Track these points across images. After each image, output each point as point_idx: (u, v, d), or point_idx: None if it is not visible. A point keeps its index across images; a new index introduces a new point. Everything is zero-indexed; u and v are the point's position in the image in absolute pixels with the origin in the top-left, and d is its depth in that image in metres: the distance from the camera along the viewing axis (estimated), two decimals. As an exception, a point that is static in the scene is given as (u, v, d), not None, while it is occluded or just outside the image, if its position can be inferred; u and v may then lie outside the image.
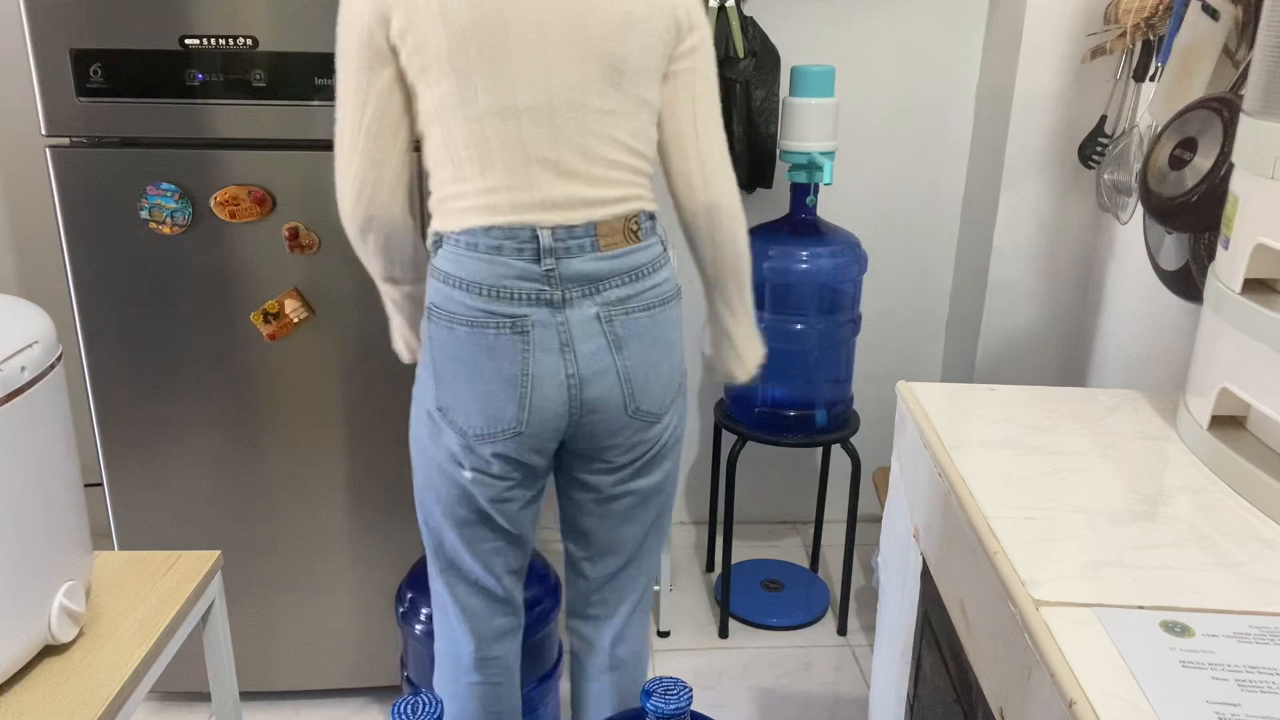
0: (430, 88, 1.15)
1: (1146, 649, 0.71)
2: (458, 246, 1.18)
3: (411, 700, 1.01)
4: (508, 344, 1.18)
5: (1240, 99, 1.17)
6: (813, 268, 1.91)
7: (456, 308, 1.19)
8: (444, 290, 1.19)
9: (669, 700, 1.09)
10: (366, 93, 1.17)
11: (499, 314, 1.18)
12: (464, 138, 1.16)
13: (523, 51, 1.14)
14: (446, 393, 1.21)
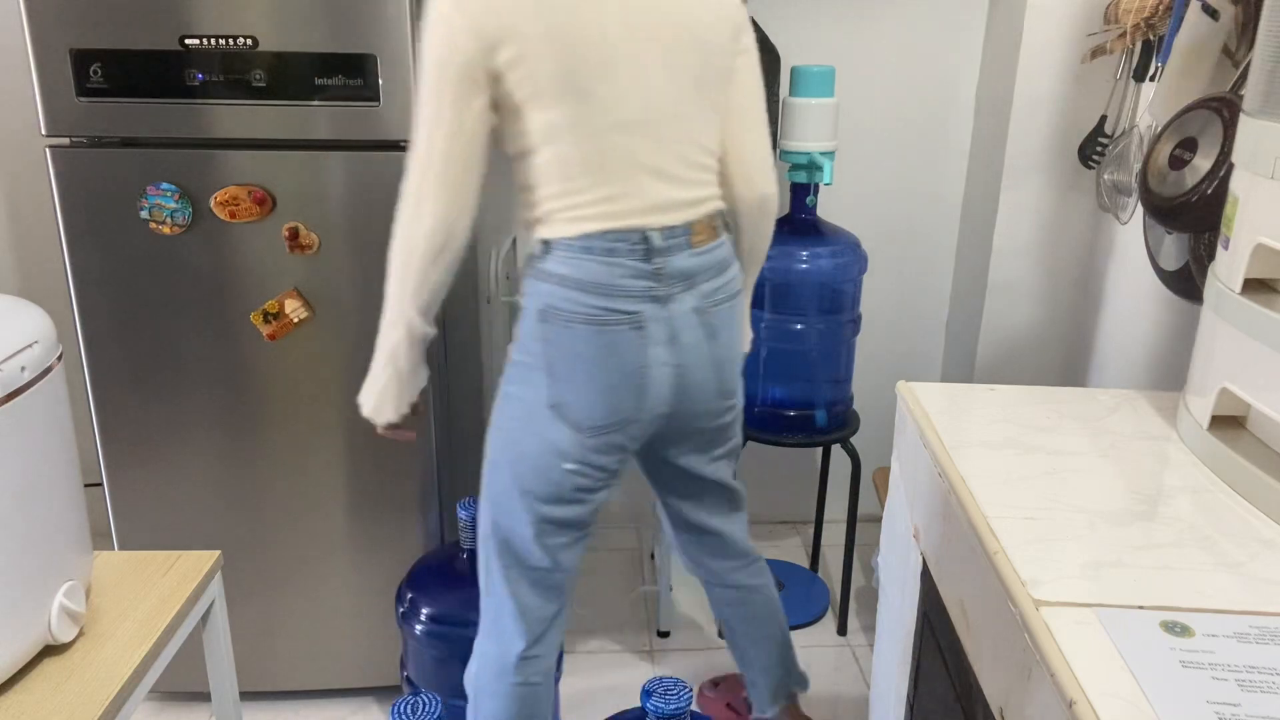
0: (542, 110, 1.21)
1: (1146, 649, 0.71)
2: (572, 251, 1.25)
3: (411, 700, 1.02)
4: (627, 339, 1.26)
5: (1240, 99, 1.17)
6: (813, 268, 1.91)
7: (576, 307, 1.25)
8: (560, 292, 1.25)
9: (669, 700, 1.09)
10: (461, 121, 1.21)
11: (618, 311, 1.25)
12: (580, 153, 1.22)
13: (629, 70, 1.22)
14: (565, 389, 1.27)
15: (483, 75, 1.19)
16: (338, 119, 1.55)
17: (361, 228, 1.61)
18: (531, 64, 1.19)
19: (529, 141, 1.24)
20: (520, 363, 1.30)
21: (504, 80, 1.20)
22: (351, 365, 1.68)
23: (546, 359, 1.27)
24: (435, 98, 1.20)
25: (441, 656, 1.55)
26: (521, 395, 1.30)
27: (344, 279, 1.63)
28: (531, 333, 1.28)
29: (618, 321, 1.26)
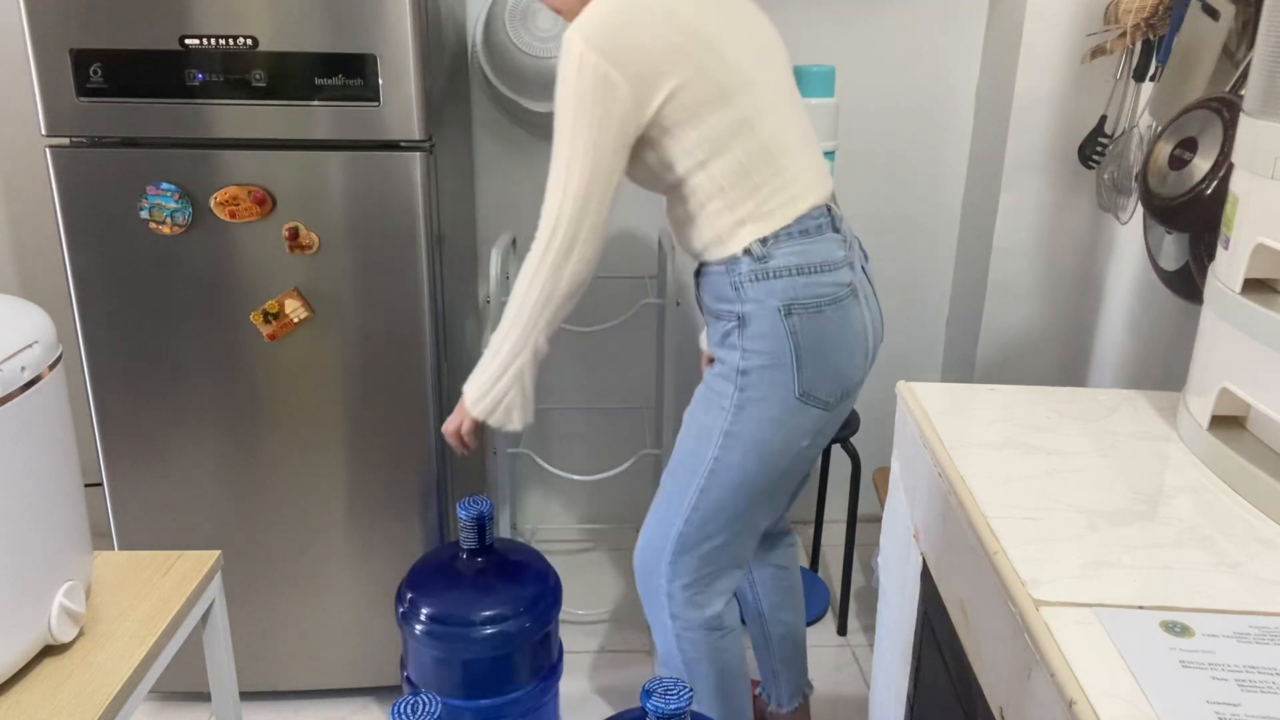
0: (702, 124, 1.26)
1: (1146, 649, 0.71)
2: (792, 238, 1.29)
3: (411, 700, 1.02)
4: (853, 308, 1.32)
5: (1240, 99, 1.17)
6: (813, 268, 1.91)
7: (821, 289, 1.29)
8: (800, 281, 1.28)
9: (669, 700, 1.09)
10: (615, 168, 1.26)
11: (844, 284, 1.31)
12: (752, 147, 1.27)
13: (761, 73, 1.30)
14: (813, 374, 1.30)
15: (641, 118, 1.24)
16: (338, 119, 1.55)
17: (361, 228, 1.61)
18: (689, 88, 1.24)
19: (695, 158, 1.27)
20: (757, 368, 1.30)
21: (660, 113, 1.25)
22: (351, 365, 1.68)
23: (795, 352, 1.29)
24: (593, 149, 1.24)
25: (441, 656, 1.55)
26: (765, 397, 1.31)
27: (344, 279, 1.63)
28: (773, 332, 1.29)
29: (847, 294, 1.31)
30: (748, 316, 1.30)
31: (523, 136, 2.21)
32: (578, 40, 1.21)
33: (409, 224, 1.61)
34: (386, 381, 1.69)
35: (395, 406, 1.70)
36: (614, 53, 1.21)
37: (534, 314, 1.33)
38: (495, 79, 2.04)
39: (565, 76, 1.22)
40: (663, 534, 1.41)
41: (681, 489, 1.38)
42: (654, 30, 1.22)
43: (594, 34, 1.21)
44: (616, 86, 1.21)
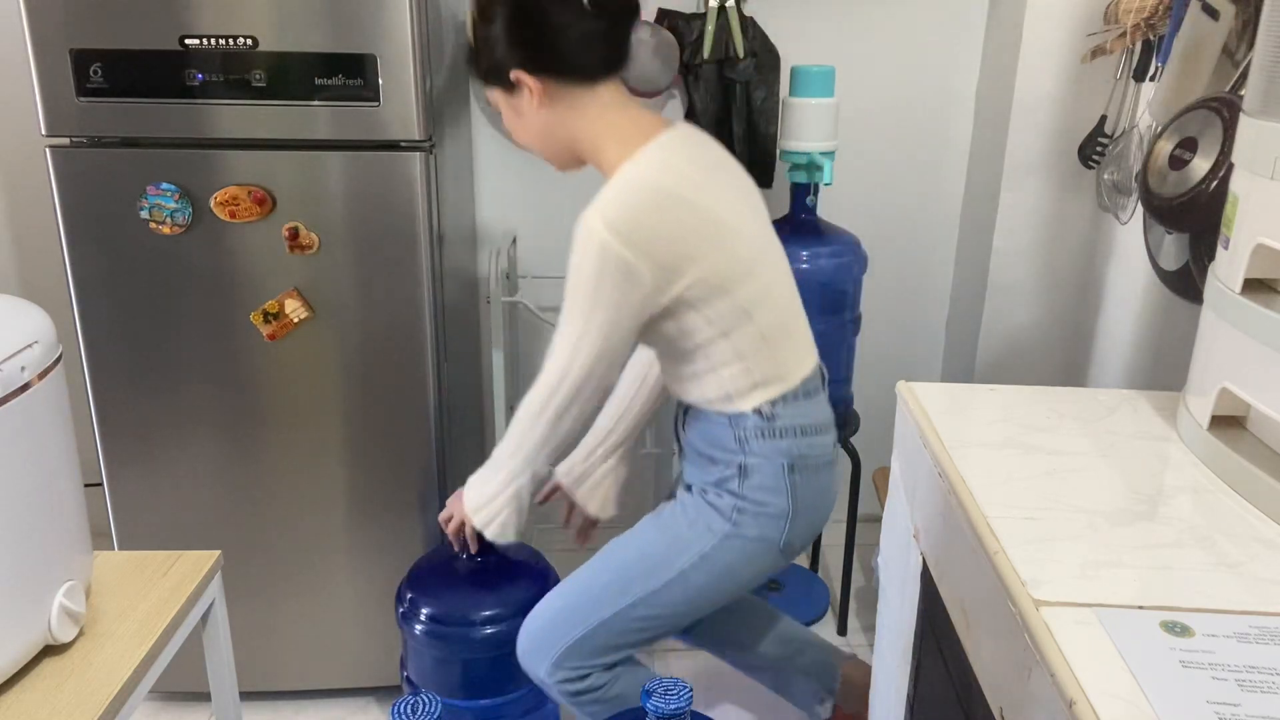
0: (722, 299, 1.28)
1: (1146, 649, 0.71)
2: (797, 400, 1.35)
3: (411, 700, 1.01)
4: (837, 466, 1.43)
5: (1240, 99, 1.17)
6: (813, 268, 1.91)
7: (819, 449, 1.37)
8: (805, 441, 1.35)
9: (669, 700, 1.09)
10: (633, 333, 1.29)
11: (833, 444, 1.41)
12: (772, 319, 1.32)
13: (768, 240, 1.36)
14: (799, 529, 1.37)
15: (661, 300, 1.26)
16: (338, 119, 1.55)
17: (361, 228, 1.61)
18: (715, 269, 1.26)
19: (719, 328, 1.30)
20: (753, 514, 1.35)
21: (684, 293, 1.27)
22: (351, 365, 1.68)
23: (792, 507, 1.35)
24: (608, 328, 1.25)
25: (441, 656, 1.55)
26: (753, 538, 1.36)
27: (344, 279, 1.63)
28: (775, 486, 1.34)
29: (835, 454, 1.42)
30: (750, 468, 1.34)
31: (523, 136, 2.21)
32: (600, 226, 1.21)
33: (409, 224, 1.61)
34: (386, 381, 1.69)
35: (395, 406, 1.70)
36: (639, 243, 1.22)
37: (535, 449, 1.37)
38: (495, 79, 2.04)
39: (585, 258, 1.22)
40: (575, 619, 1.40)
41: (625, 584, 1.39)
42: (677, 216, 1.24)
43: (618, 222, 1.21)
44: (640, 275, 1.22)
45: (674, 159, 1.29)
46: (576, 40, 1.28)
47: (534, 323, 2.30)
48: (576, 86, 1.30)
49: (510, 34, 1.28)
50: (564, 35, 1.27)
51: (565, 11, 1.26)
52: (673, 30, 2.06)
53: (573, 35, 1.27)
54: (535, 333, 2.34)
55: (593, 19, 1.27)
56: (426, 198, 1.61)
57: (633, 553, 1.42)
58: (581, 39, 1.28)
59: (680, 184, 1.26)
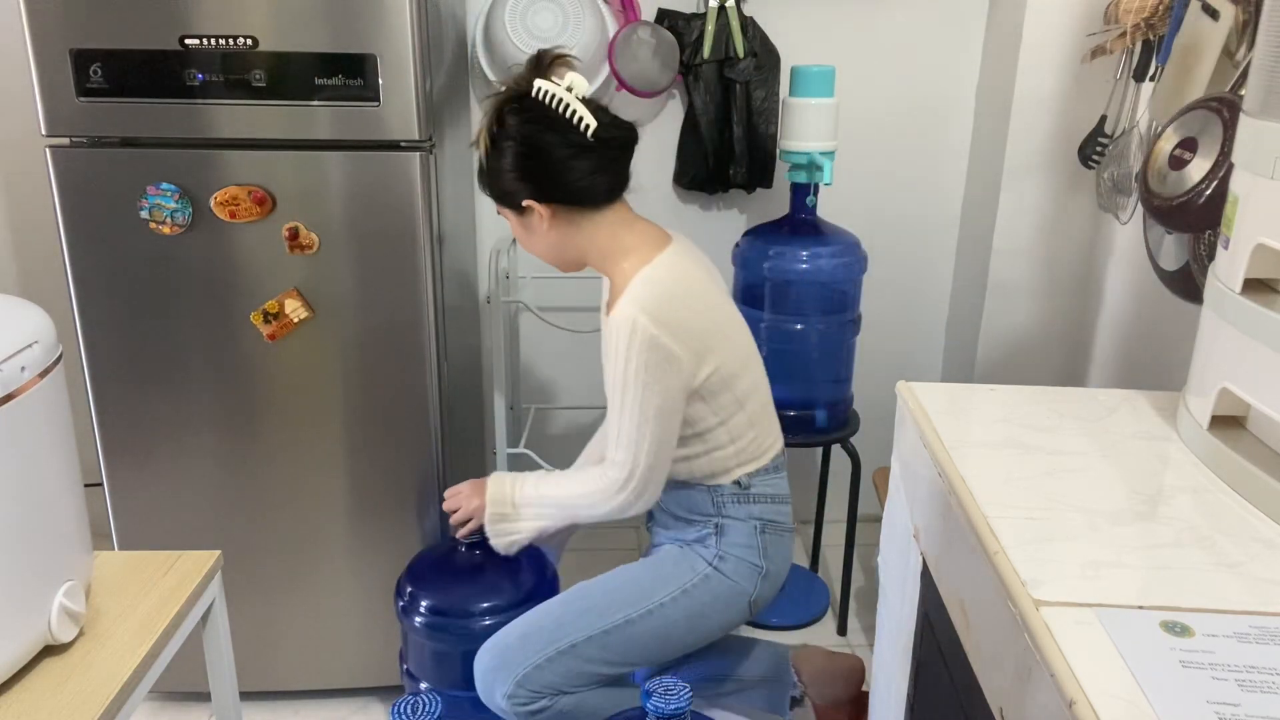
0: (732, 388, 1.43)
1: (1146, 649, 0.71)
2: (768, 473, 1.51)
3: (411, 700, 1.01)
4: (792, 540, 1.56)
5: (1240, 99, 1.17)
6: (813, 268, 1.91)
7: (783, 517, 1.52)
8: (773, 508, 1.50)
9: (669, 700, 1.09)
10: (678, 415, 1.40)
11: (790, 514, 1.54)
12: (757, 406, 1.48)
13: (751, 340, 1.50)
14: (767, 587, 1.50)
15: (692, 385, 1.39)
16: (338, 119, 1.55)
17: (361, 228, 1.61)
18: (726, 362, 1.41)
19: (720, 416, 1.44)
20: (734, 559, 1.48)
21: (703, 383, 1.40)
22: (351, 365, 1.68)
23: (765, 563, 1.49)
24: (662, 416, 1.37)
25: (441, 649, 1.55)
26: (732, 579, 1.48)
27: (344, 279, 1.63)
28: (749, 543, 1.48)
29: (793, 525, 1.55)
30: (726, 527, 1.48)
31: (523, 136, 2.20)
32: (643, 318, 1.32)
33: (409, 224, 1.61)
34: (386, 381, 1.69)
35: (395, 406, 1.70)
36: (676, 330, 1.34)
37: (584, 519, 1.50)
38: (495, 79, 2.04)
39: (631, 348, 1.33)
40: (544, 640, 1.43)
41: (605, 609, 1.45)
42: (698, 312, 1.39)
43: (656, 312, 1.33)
44: (679, 359, 1.35)
45: (685, 265, 1.42)
46: (581, 173, 1.37)
47: (534, 323, 2.30)
48: (587, 211, 1.40)
49: (518, 168, 1.37)
50: (569, 169, 1.36)
51: (569, 148, 1.35)
52: (673, 30, 2.06)
53: (578, 169, 1.37)
54: (535, 333, 2.34)
55: (596, 153, 1.37)
56: (426, 198, 1.61)
57: (616, 581, 1.49)
58: (586, 171, 1.37)
59: (695, 286, 1.41)
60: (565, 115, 1.34)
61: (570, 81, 1.36)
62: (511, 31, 1.95)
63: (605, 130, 1.36)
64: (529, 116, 1.36)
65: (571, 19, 1.96)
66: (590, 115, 1.35)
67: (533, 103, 1.35)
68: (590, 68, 2.03)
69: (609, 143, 1.37)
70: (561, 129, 1.35)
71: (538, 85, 1.35)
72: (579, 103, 1.35)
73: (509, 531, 1.53)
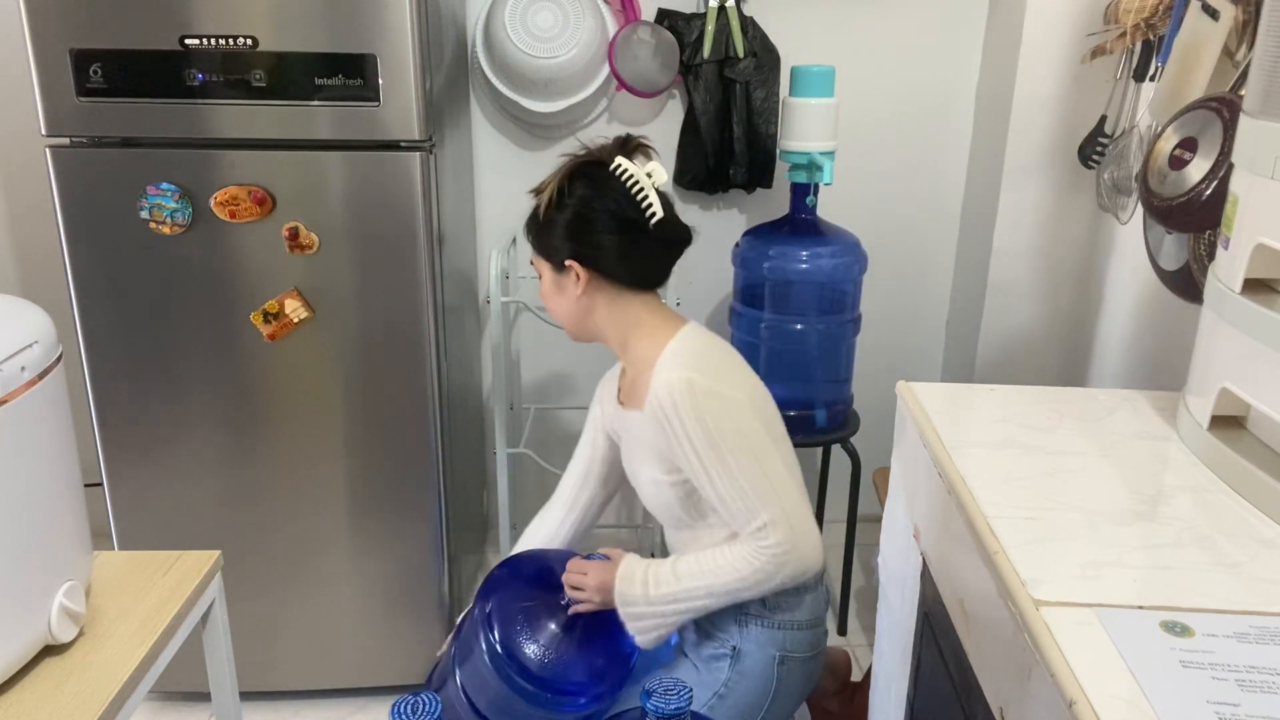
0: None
1: (1146, 649, 0.71)
2: (799, 593, 1.39)
3: (411, 700, 1.01)
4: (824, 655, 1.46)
5: (1240, 99, 1.17)
6: (813, 268, 1.91)
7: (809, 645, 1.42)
8: (796, 635, 1.40)
9: (669, 700, 1.09)
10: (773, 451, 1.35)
11: (824, 633, 1.45)
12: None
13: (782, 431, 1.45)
14: (779, 709, 1.42)
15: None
16: (338, 119, 1.55)
17: (361, 228, 1.61)
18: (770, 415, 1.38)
19: None
20: (738, 692, 1.40)
21: None
22: (351, 365, 1.68)
23: (773, 696, 1.40)
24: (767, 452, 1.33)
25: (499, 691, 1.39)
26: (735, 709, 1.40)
27: (344, 279, 1.63)
28: (763, 675, 1.40)
29: (825, 643, 1.45)
30: (743, 653, 1.39)
31: (523, 136, 2.21)
32: (691, 374, 1.31)
33: (409, 224, 1.61)
34: (386, 381, 1.69)
35: (395, 407, 1.70)
36: (722, 380, 1.34)
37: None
38: (495, 79, 2.04)
39: (698, 408, 1.30)
40: None
41: None
42: (732, 373, 1.39)
43: (700, 367, 1.34)
44: (740, 402, 1.33)
45: (707, 341, 1.42)
46: (637, 256, 1.40)
47: (534, 323, 2.30)
48: (622, 289, 1.41)
49: (581, 231, 1.38)
50: (620, 246, 1.38)
51: (631, 230, 1.37)
52: (673, 30, 2.06)
53: (634, 251, 1.39)
54: (535, 333, 2.34)
55: (652, 242, 1.39)
56: (426, 198, 1.61)
57: None
58: (642, 256, 1.40)
59: (724, 358, 1.41)
60: (636, 196, 1.37)
61: (650, 169, 1.39)
62: (511, 31, 1.95)
63: (666, 224, 1.39)
64: (602, 185, 1.38)
65: (571, 19, 1.96)
66: (659, 205, 1.38)
67: (609, 175, 1.38)
68: (590, 68, 2.03)
69: (666, 236, 1.40)
70: (627, 207, 1.37)
71: (619, 162, 1.38)
72: (654, 191, 1.38)
73: (643, 618, 1.38)
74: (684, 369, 1.32)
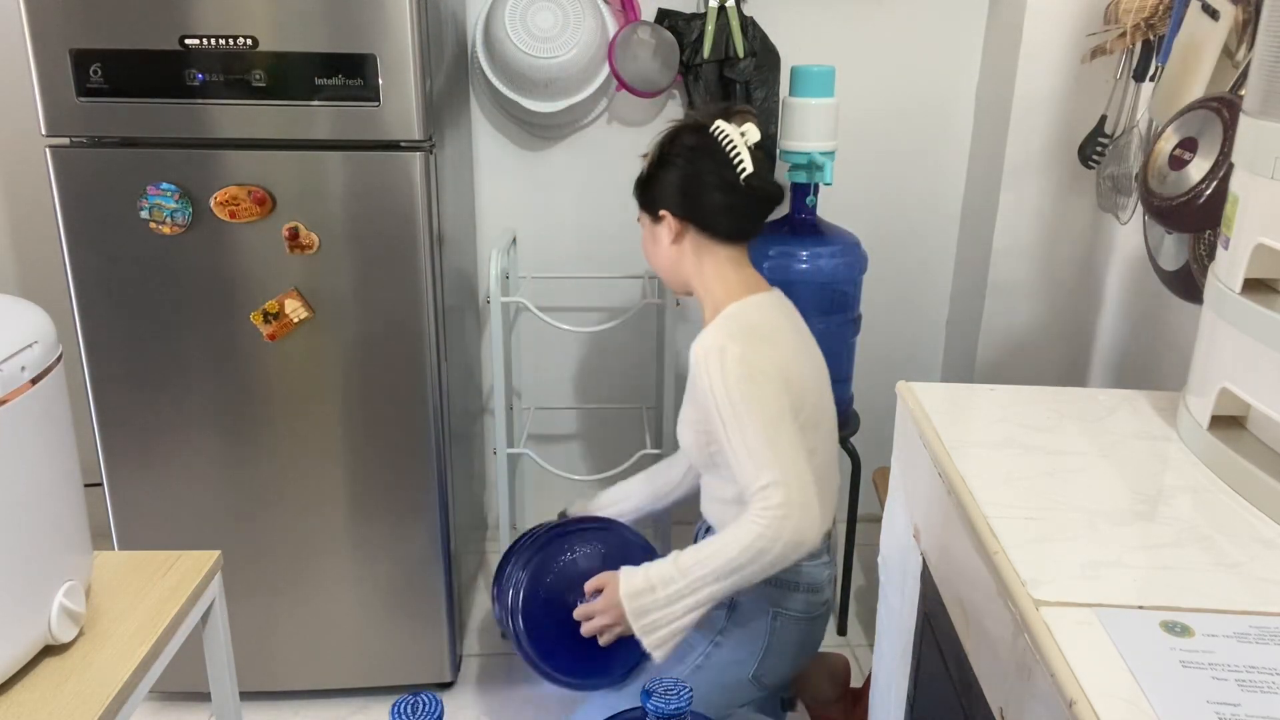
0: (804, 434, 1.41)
1: (1146, 649, 0.71)
2: (813, 557, 1.47)
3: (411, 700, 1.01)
4: (821, 623, 1.53)
5: (1240, 99, 1.17)
6: (813, 268, 1.91)
7: (806, 608, 1.49)
8: (796, 596, 1.48)
9: (669, 700, 1.09)
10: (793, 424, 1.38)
11: (823, 602, 1.53)
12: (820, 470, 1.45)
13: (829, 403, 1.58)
14: (773, 664, 1.49)
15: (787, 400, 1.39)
16: (338, 119, 1.55)
17: (361, 228, 1.61)
18: (803, 402, 1.42)
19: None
20: (731, 644, 1.48)
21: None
22: (351, 365, 1.68)
23: (767, 647, 1.48)
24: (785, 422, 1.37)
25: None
26: (728, 660, 1.48)
27: (344, 279, 1.63)
28: (755, 628, 1.48)
29: (824, 612, 1.52)
30: (740, 605, 1.48)
31: (523, 136, 2.21)
32: (726, 341, 1.36)
33: (409, 224, 1.61)
34: (386, 381, 1.69)
35: (395, 407, 1.70)
36: (758, 350, 1.38)
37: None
38: (495, 79, 2.04)
39: (725, 373, 1.34)
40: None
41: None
42: (780, 346, 1.43)
43: (737, 334, 1.38)
44: (769, 373, 1.36)
45: (774, 312, 1.48)
46: (725, 208, 1.47)
47: (534, 323, 2.30)
48: (709, 239, 1.49)
49: (677, 184, 1.48)
50: (711, 198, 1.47)
51: (720, 180, 1.47)
52: (673, 30, 2.06)
53: (723, 203, 1.47)
54: (535, 333, 2.34)
55: (741, 194, 1.47)
56: (426, 198, 1.61)
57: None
58: (729, 208, 1.48)
59: (779, 331, 1.46)
60: (730, 155, 1.47)
61: (745, 130, 1.48)
62: (511, 31, 1.95)
63: (757, 179, 1.48)
64: (700, 143, 1.48)
65: (571, 19, 1.96)
66: (750, 163, 1.47)
67: (708, 135, 1.47)
68: (590, 68, 2.03)
69: (756, 191, 1.48)
70: (721, 162, 1.46)
71: (718, 124, 1.48)
72: (746, 150, 1.47)
73: (660, 625, 1.35)
74: (723, 335, 1.38)
